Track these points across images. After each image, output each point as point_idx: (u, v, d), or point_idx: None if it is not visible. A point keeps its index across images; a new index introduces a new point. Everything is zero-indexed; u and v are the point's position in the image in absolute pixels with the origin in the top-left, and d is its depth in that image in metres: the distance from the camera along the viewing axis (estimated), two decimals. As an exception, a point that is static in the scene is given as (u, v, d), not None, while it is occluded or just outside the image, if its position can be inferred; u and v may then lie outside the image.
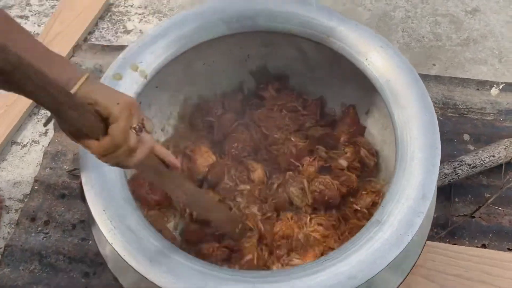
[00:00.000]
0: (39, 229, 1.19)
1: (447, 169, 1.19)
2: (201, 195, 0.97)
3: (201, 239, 0.98)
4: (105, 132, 0.62)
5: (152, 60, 0.93)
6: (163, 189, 0.92)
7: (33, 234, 1.18)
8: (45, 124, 0.64)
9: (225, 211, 1.01)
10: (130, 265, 0.76)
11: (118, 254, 0.77)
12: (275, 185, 1.03)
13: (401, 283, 0.87)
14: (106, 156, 0.62)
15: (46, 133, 1.42)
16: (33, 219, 1.21)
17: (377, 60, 0.92)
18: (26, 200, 1.25)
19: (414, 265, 0.89)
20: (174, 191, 0.85)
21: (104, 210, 0.80)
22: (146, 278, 0.74)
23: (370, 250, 0.75)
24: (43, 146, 1.39)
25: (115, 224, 0.79)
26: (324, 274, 0.73)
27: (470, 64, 1.57)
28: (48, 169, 1.28)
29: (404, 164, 0.81)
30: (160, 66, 0.94)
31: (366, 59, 0.93)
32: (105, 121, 0.62)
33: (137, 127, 0.64)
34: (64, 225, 1.20)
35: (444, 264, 1.08)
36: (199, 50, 0.99)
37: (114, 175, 0.83)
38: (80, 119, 0.59)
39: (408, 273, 0.88)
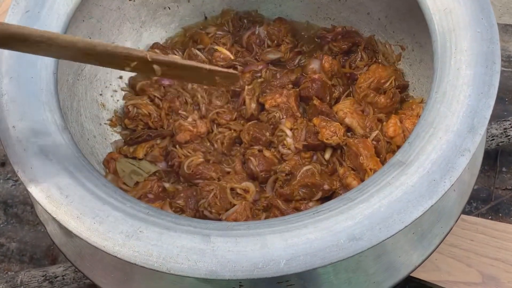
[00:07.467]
0: (9, 175, 1.06)
1: (496, 129, 0.98)
2: None
3: None
4: None
5: None
6: None
7: (1, 180, 1.06)
8: None
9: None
10: (36, 200, 0.53)
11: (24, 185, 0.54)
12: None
13: (424, 261, 0.63)
14: None
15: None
16: (3, 164, 1.08)
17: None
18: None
19: (445, 236, 0.64)
20: None
21: (13, 127, 0.57)
22: (55, 220, 0.51)
23: (386, 201, 0.50)
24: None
25: (26, 145, 0.56)
26: (314, 231, 0.48)
27: (528, 10, 1.42)
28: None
29: (445, 85, 0.56)
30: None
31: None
32: None
33: None
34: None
35: (484, 245, 0.85)
36: None
37: (39, 84, 0.61)
38: None
39: (436, 248, 0.64)
